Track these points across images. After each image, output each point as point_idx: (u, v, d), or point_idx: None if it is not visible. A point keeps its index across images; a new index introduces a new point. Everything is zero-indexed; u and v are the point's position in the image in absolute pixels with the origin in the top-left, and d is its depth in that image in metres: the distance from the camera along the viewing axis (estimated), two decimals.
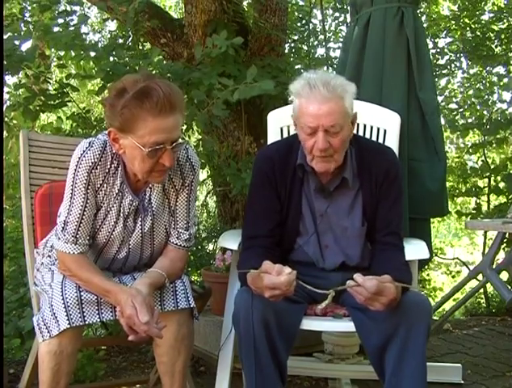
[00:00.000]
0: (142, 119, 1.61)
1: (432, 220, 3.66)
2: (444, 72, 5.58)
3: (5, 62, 2.92)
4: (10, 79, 3.79)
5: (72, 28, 3.15)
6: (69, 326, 1.62)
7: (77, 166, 1.72)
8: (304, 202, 1.95)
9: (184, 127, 3.18)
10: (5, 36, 3.06)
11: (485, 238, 5.22)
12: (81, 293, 1.69)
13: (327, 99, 1.75)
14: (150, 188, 1.82)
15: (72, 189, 1.74)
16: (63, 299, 1.66)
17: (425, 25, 5.19)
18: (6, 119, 3.45)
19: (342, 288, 1.64)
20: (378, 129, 2.38)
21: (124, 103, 1.61)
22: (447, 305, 4.12)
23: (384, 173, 1.91)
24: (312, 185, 1.94)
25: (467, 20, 5.43)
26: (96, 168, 1.73)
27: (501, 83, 5.58)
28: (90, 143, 1.73)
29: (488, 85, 5.66)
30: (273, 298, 1.63)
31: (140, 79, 1.64)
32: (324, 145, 1.77)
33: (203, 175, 4.05)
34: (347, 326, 1.83)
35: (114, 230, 1.81)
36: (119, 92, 1.64)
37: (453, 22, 5.55)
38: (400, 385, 1.67)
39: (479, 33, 5.31)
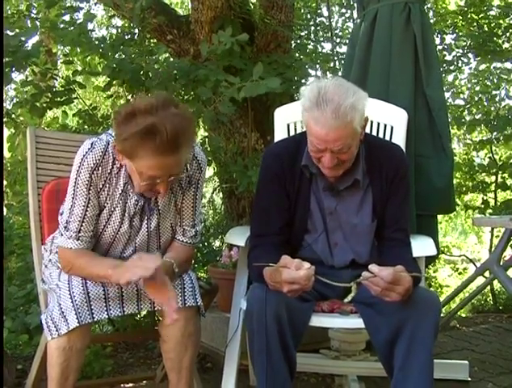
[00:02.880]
0: (141, 156, 1.61)
1: (439, 219, 3.65)
2: (451, 68, 5.55)
3: (10, 59, 2.92)
4: (17, 77, 3.80)
5: (78, 25, 3.15)
6: (78, 324, 1.63)
7: (79, 167, 1.72)
8: (313, 200, 1.94)
9: None
10: (11, 33, 3.06)
11: (492, 234, 5.20)
12: (89, 290, 1.70)
13: (335, 127, 1.68)
14: None
15: (74, 190, 1.75)
16: (71, 297, 1.67)
17: (432, 21, 5.16)
18: (13, 116, 3.46)
19: (360, 280, 1.63)
20: (385, 126, 2.37)
21: (128, 135, 1.59)
22: (454, 303, 4.11)
23: (394, 170, 1.91)
24: (320, 183, 1.93)
25: (474, 16, 5.39)
26: (98, 169, 1.73)
27: (509, 79, 5.54)
28: (92, 144, 1.73)
29: (495, 81, 5.61)
30: (291, 293, 1.64)
31: (153, 107, 1.59)
32: (331, 164, 1.76)
33: (209, 171, 4.05)
34: (356, 322, 1.84)
35: (119, 230, 1.81)
36: (127, 117, 1.61)
37: (460, 17, 5.52)
38: (408, 380, 1.67)
39: (486, 29, 5.27)
